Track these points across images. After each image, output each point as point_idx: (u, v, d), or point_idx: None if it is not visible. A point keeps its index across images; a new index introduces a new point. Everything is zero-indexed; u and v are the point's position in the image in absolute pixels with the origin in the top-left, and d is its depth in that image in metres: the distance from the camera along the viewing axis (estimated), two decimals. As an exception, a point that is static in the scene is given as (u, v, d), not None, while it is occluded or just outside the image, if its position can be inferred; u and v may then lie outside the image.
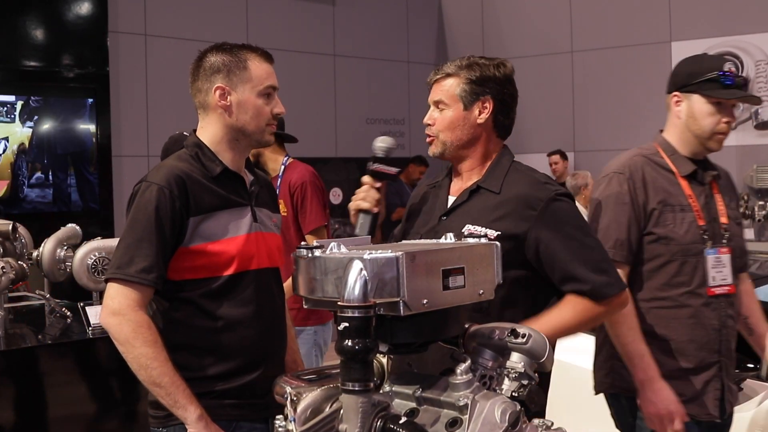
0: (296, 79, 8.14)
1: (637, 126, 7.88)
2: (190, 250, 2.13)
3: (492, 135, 2.23)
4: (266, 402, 2.12)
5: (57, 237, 3.96)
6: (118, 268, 2.08)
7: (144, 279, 2.06)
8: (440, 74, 2.21)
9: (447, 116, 2.19)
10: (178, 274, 2.14)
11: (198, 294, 2.14)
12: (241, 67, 2.20)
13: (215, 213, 2.16)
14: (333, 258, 1.35)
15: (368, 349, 1.24)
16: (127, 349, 2.05)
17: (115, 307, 2.06)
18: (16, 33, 6.59)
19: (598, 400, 2.83)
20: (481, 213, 2.14)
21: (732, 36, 7.93)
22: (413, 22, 9.40)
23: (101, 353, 3.78)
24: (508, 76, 2.22)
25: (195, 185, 2.15)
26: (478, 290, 1.41)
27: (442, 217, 2.21)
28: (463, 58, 2.23)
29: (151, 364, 2.03)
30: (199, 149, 2.22)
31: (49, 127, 6.84)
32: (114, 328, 2.06)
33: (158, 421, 2.18)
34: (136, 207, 2.13)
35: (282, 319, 2.32)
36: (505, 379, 1.42)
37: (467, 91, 2.17)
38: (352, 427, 1.25)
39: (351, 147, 8.67)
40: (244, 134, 2.22)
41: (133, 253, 2.08)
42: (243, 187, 2.27)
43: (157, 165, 2.24)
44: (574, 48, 8.79)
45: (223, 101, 2.20)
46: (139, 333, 2.04)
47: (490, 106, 2.19)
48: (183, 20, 7.41)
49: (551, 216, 2.09)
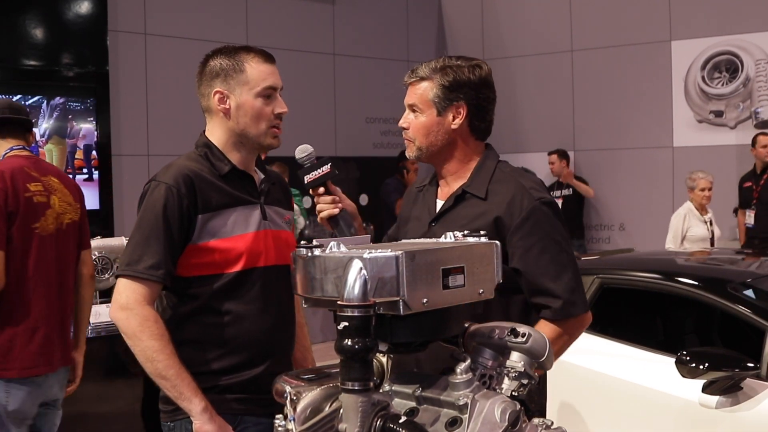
0: (296, 78, 8.13)
1: (636, 125, 7.88)
2: (198, 247, 2.16)
3: (469, 139, 2.21)
4: (271, 398, 2.13)
5: (57, 236, 3.95)
6: (128, 265, 2.13)
7: (152, 275, 2.11)
8: (414, 77, 2.18)
9: (421, 121, 2.17)
10: (186, 271, 2.17)
11: (206, 290, 2.18)
12: (238, 70, 2.20)
13: (223, 211, 2.19)
14: (333, 257, 1.35)
15: (368, 348, 1.24)
16: (135, 342, 2.09)
17: (123, 301, 2.11)
18: (16, 32, 6.58)
19: (599, 401, 2.83)
20: (468, 219, 2.13)
21: (732, 35, 7.92)
22: (413, 21, 9.39)
23: (101, 352, 3.78)
24: (483, 79, 2.17)
25: (203, 183, 2.18)
26: (478, 289, 1.41)
27: (432, 224, 2.21)
28: (438, 59, 2.19)
29: (157, 357, 2.08)
30: (209, 149, 2.25)
31: (49, 126, 6.83)
32: (122, 322, 2.11)
33: (167, 416, 2.21)
34: (145, 206, 2.17)
35: (290, 316, 2.34)
36: (505, 379, 1.42)
37: (440, 96, 2.14)
38: (351, 427, 1.25)
39: (350, 146, 8.67)
40: (246, 137, 2.24)
41: (141, 250, 2.12)
42: (252, 185, 2.29)
43: (167, 164, 2.27)
44: (573, 47, 8.78)
45: (222, 105, 2.22)
46: (145, 326, 2.08)
47: (464, 111, 2.16)
48: (183, 19, 7.41)
49: (531, 226, 2.09)
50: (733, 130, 7.98)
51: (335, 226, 2.21)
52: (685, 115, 8.18)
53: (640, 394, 3.46)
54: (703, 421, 3.20)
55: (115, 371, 3.82)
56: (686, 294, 3.67)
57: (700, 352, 3.23)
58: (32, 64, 6.73)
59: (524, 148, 8.36)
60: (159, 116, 7.23)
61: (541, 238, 2.08)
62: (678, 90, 8.21)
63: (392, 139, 8.92)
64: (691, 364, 3.09)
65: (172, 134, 6.99)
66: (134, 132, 7.23)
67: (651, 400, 3.42)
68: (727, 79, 8.00)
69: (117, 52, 7.11)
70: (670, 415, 3.36)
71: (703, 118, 8.11)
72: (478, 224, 2.10)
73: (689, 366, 3.10)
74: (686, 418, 3.29)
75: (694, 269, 4.15)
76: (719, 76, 8.04)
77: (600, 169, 8.46)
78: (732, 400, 3.13)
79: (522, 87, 8.47)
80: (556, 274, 2.08)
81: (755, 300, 3.49)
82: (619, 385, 3.55)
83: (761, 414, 3.06)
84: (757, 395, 3.10)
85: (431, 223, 2.21)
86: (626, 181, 7.73)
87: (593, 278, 3.88)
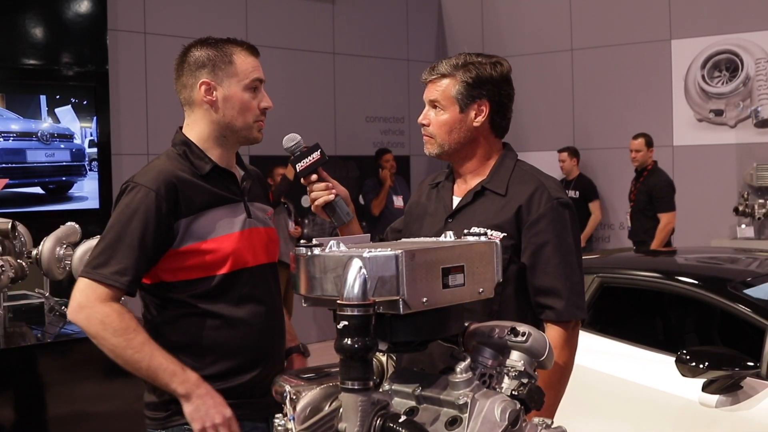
0: (295, 77, 8.13)
1: (636, 124, 7.87)
2: (182, 251, 2.09)
3: (489, 136, 2.21)
4: (266, 401, 2.11)
5: (56, 235, 3.96)
6: (93, 268, 2.05)
7: (116, 281, 2.03)
8: (435, 74, 2.18)
9: (443, 118, 2.17)
10: (172, 275, 2.11)
11: (194, 294, 2.12)
12: (227, 62, 2.16)
13: (207, 211, 2.13)
14: (332, 256, 1.35)
15: (368, 347, 1.23)
16: (100, 342, 2.04)
17: (82, 300, 2.04)
18: (16, 31, 6.58)
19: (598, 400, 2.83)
20: (486, 215, 2.13)
21: (732, 34, 7.91)
22: (413, 21, 9.39)
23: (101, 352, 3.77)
24: (504, 76, 2.19)
25: (185, 186, 2.11)
26: (478, 288, 1.41)
27: (448, 219, 2.20)
28: (458, 56, 2.19)
29: (124, 354, 2.02)
30: (187, 147, 2.19)
31: (49, 125, 6.83)
32: (83, 323, 2.04)
33: (158, 423, 2.16)
34: (121, 208, 2.10)
35: (280, 314, 2.29)
36: (505, 378, 1.42)
37: (463, 93, 2.14)
38: (351, 426, 1.25)
39: (350, 145, 8.66)
40: (232, 130, 2.18)
41: (110, 253, 2.05)
42: (234, 183, 2.23)
43: (145, 166, 2.21)
44: (573, 46, 8.78)
45: (209, 96, 2.16)
46: (108, 324, 2.01)
47: (487, 108, 2.16)
48: (182, 18, 7.40)
49: (546, 224, 2.09)
50: (733, 129, 7.98)
51: (332, 214, 2.17)
52: (685, 114, 8.18)
53: (640, 393, 3.46)
54: (702, 421, 3.20)
55: (114, 371, 3.80)
56: (686, 293, 3.67)
57: (700, 351, 3.23)
58: (32, 63, 6.72)
59: (524, 147, 8.34)
60: (159, 115, 7.23)
61: (555, 237, 2.08)
62: (678, 89, 8.20)
63: (392, 138, 8.91)
64: (691, 363, 3.09)
65: (171, 133, 6.90)
66: (134, 131, 7.23)
67: (651, 400, 3.41)
68: (727, 78, 8.00)
69: (117, 51, 7.11)
70: (670, 414, 3.36)
71: (703, 117, 8.11)
72: (499, 219, 2.10)
73: (689, 365, 3.09)
74: (686, 417, 3.29)
75: (694, 268, 4.15)
76: (719, 75, 8.04)
77: (600, 168, 8.45)
78: (732, 400, 3.13)
79: (522, 86, 8.41)
80: (564, 275, 2.08)
81: (755, 299, 3.49)
82: (619, 384, 3.55)
83: (761, 413, 3.06)
84: (757, 394, 3.10)
85: (448, 219, 2.20)
86: (626, 180, 7.71)
87: (593, 277, 3.88)
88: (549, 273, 2.08)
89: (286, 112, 7.21)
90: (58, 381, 3.63)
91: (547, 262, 2.08)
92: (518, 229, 2.10)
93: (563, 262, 2.08)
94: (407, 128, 8.91)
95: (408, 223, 2.35)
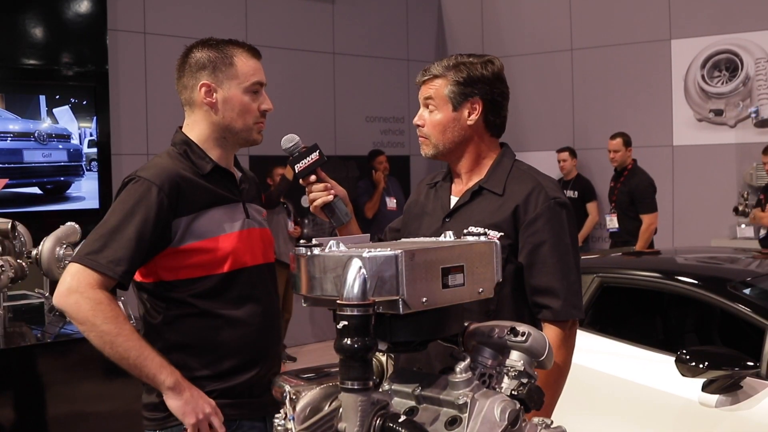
0: (295, 77, 8.13)
1: (636, 124, 7.87)
2: (183, 249, 2.09)
3: (484, 135, 2.22)
4: (263, 401, 2.11)
5: (56, 235, 3.96)
6: (86, 254, 2.01)
7: (110, 270, 1.99)
8: (427, 75, 2.19)
9: (436, 118, 2.18)
10: (172, 274, 2.11)
11: (193, 293, 2.11)
12: (227, 64, 2.16)
13: (208, 210, 2.13)
14: (332, 256, 1.35)
15: (367, 347, 1.23)
16: (88, 328, 1.98)
17: (73, 284, 1.98)
18: (16, 31, 6.57)
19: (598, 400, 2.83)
20: (483, 214, 2.13)
21: (732, 34, 7.91)
22: (413, 20, 9.38)
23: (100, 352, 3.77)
24: (496, 74, 2.19)
25: (187, 184, 2.11)
26: (478, 288, 1.41)
27: (446, 219, 2.20)
28: (450, 57, 2.20)
29: (115, 341, 1.98)
30: (188, 147, 2.19)
31: (47, 125, 6.82)
32: (71, 308, 1.98)
33: (155, 423, 2.15)
34: (122, 198, 2.08)
35: (277, 314, 2.29)
36: (505, 378, 1.42)
37: (455, 92, 2.15)
38: (351, 426, 1.25)
39: (350, 145, 8.66)
40: (231, 132, 2.19)
41: (106, 241, 2.01)
42: (233, 183, 2.24)
43: (148, 162, 2.21)
44: (573, 46, 8.78)
45: (209, 98, 2.16)
46: (99, 310, 1.97)
47: (480, 106, 2.17)
48: (182, 18, 7.40)
49: (543, 223, 2.09)
50: (733, 129, 7.98)
51: (330, 214, 2.17)
52: (685, 114, 8.18)
53: (639, 393, 3.46)
54: (702, 420, 3.20)
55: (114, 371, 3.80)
56: (686, 293, 3.67)
57: (699, 351, 3.23)
58: (32, 63, 6.72)
59: (523, 147, 8.33)
60: (158, 115, 7.22)
61: (552, 236, 2.09)
62: (678, 89, 8.20)
63: (392, 138, 8.91)
64: (691, 362, 3.09)
65: (171, 133, 6.90)
66: (134, 131, 7.23)
67: (651, 399, 3.41)
68: (726, 78, 8.00)
69: (116, 51, 7.11)
70: (670, 414, 3.36)
71: (702, 117, 8.11)
72: (497, 218, 2.11)
73: (689, 365, 3.10)
74: (686, 417, 3.29)
75: (693, 268, 4.15)
76: (719, 74, 8.04)
77: (599, 167, 8.45)
78: (732, 399, 3.13)
79: (522, 86, 8.46)
80: (561, 274, 2.08)
81: (755, 299, 3.49)
82: (618, 384, 3.55)
83: (761, 413, 3.06)
84: (757, 394, 3.10)
85: (445, 219, 2.20)
86: (626, 179, 7.72)
87: (593, 277, 3.88)
88: (546, 272, 2.08)
89: (286, 112, 7.20)
90: (58, 381, 3.63)
91: (544, 262, 2.08)
92: (515, 228, 2.10)
93: (560, 262, 2.09)
94: (407, 128, 8.90)
95: (406, 222, 2.35)
